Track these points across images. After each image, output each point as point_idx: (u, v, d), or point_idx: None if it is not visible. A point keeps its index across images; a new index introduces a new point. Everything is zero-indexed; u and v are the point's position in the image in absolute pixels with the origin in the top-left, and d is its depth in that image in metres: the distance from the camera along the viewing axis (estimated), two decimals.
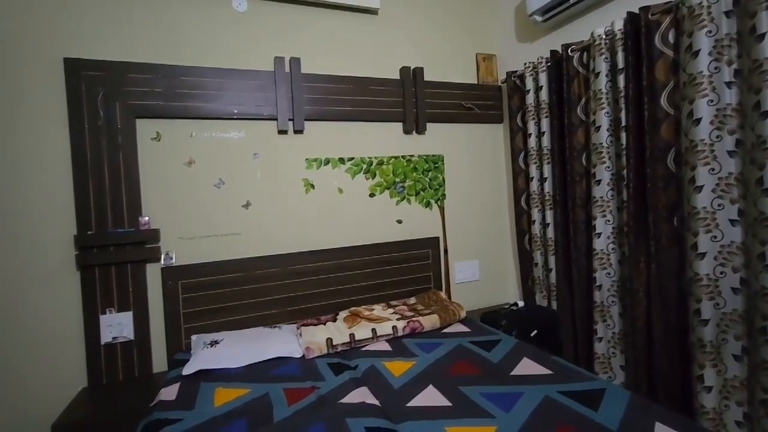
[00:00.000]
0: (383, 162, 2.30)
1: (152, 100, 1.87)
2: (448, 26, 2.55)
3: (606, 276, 1.83)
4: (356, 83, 2.23)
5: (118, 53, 1.84)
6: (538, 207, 2.23)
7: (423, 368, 1.53)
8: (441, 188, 2.44)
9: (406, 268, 2.31)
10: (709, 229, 1.43)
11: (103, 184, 1.79)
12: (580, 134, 1.95)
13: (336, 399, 1.33)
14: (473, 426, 1.14)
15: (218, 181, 1.98)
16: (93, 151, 1.78)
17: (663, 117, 1.58)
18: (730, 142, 1.39)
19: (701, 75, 1.42)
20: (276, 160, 2.09)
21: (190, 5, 1.96)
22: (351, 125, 2.25)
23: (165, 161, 1.91)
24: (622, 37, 1.71)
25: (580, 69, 1.94)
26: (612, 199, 1.81)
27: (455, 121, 2.48)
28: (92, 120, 1.78)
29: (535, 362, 1.50)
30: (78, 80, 1.76)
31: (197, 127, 1.96)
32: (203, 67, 1.95)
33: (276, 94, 2.06)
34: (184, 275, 1.88)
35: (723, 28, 1.39)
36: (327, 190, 2.19)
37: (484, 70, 2.61)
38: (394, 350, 1.71)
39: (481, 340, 1.75)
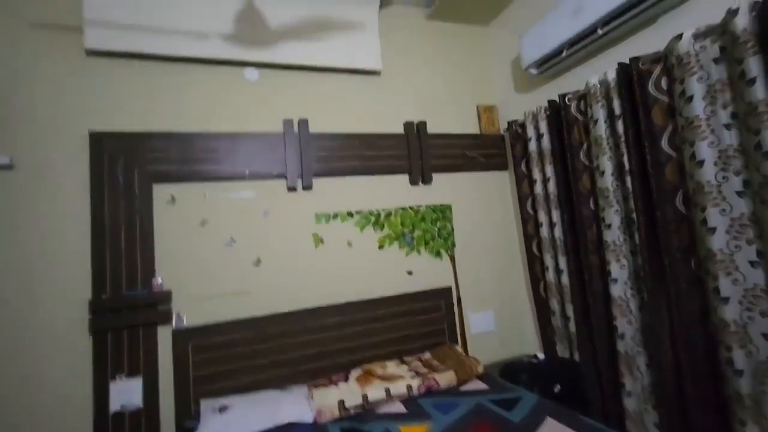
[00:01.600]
0: (391, 214, 2.33)
1: (168, 166, 1.97)
2: (448, 80, 2.68)
3: (627, 324, 1.75)
4: (362, 139, 2.32)
5: (139, 124, 1.98)
6: (550, 253, 2.19)
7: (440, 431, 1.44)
8: (450, 237, 2.44)
9: (419, 321, 2.25)
10: (729, 271, 1.37)
11: (119, 248, 1.84)
12: (585, 179, 1.95)
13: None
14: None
15: (230, 240, 2.03)
16: (111, 216, 1.85)
17: (665, 160, 1.58)
18: (737, 182, 1.38)
19: (698, 119, 1.44)
20: (286, 217, 2.14)
21: (206, 78, 2.12)
22: (358, 179, 2.31)
23: (179, 223, 1.97)
24: (615, 86, 1.76)
25: (579, 116, 1.99)
26: (624, 243, 1.78)
27: (460, 170, 2.53)
28: (112, 187, 1.88)
29: (560, 423, 1.40)
30: (101, 151, 1.88)
31: (210, 189, 2.04)
32: (217, 132, 2.07)
33: (285, 154, 2.15)
34: (195, 337, 1.87)
35: (713, 74, 1.43)
36: (336, 244, 2.21)
37: (485, 120, 2.70)
38: (410, 411, 1.63)
39: (501, 398, 1.66)
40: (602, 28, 1.83)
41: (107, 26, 1.93)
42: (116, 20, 1.94)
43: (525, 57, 2.24)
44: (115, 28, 1.94)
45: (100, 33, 1.91)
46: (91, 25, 1.90)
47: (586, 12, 1.85)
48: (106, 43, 1.93)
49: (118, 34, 1.94)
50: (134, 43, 1.97)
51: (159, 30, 2.00)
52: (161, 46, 2.00)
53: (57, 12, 1.93)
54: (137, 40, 1.97)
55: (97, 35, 1.91)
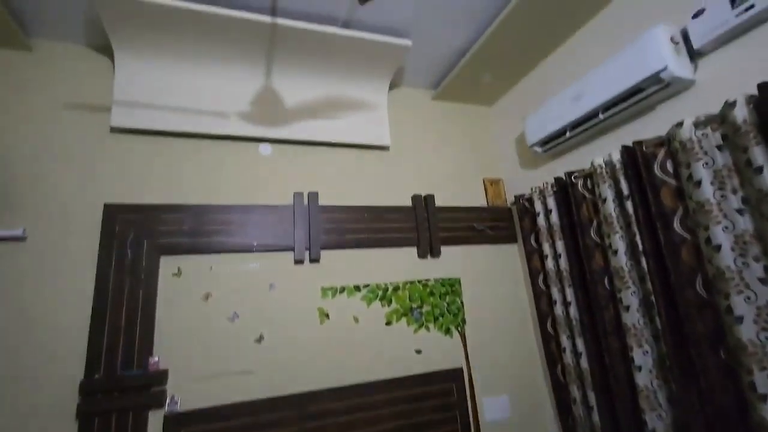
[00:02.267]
0: (399, 288, 2.28)
1: (179, 238, 1.98)
2: (454, 155, 2.76)
3: (657, 419, 1.61)
4: (370, 212, 2.34)
5: (154, 196, 2.02)
6: (566, 333, 2.09)
7: None
8: (460, 312, 2.36)
9: (429, 407, 2.09)
10: (764, 365, 1.28)
11: (119, 324, 1.78)
12: (597, 257, 1.92)
13: None
14: None
15: (233, 314, 1.96)
16: (115, 290, 1.82)
17: (680, 242, 1.56)
18: (758, 269, 1.33)
19: (709, 203, 1.43)
20: (291, 290, 2.09)
21: (222, 153, 2.21)
22: (366, 252, 2.29)
23: (183, 296, 1.93)
24: (621, 167, 1.79)
25: (586, 194, 2.01)
26: (645, 327, 1.69)
27: (469, 242, 2.51)
28: (119, 260, 1.87)
29: None
30: (113, 223, 1.90)
31: (217, 261, 2.02)
32: (228, 205, 2.10)
33: (294, 227, 2.16)
34: (188, 423, 1.74)
35: (719, 160, 1.45)
36: (342, 319, 2.13)
37: (492, 194, 2.74)
38: None
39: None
40: (603, 113, 1.91)
41: (133, 106, 2.05)
42: (142, 100, 2.07)
43: (529, 136, 2.32)
44: (141, 107, 2.06)
45: (126, 112, 2.03)
46: (119, 105, 2.03)
47: (586, 98, 1.95)
48: (130, 122, 2.04)
49: (142, 113, 2.06)
50: (157, 121, 2.08)
51: (181, 109, 2.13)
52: (182, 124, 2.12)
53: (88, 93, 2.08)
54: (160, 118, 2.09)
55: (123, 114, 2.03)
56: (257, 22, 2.00)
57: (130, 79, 2.07)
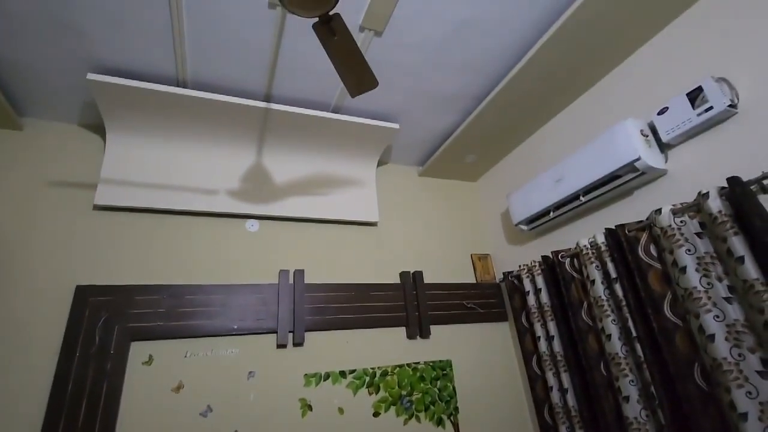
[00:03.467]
0: (387, 372, 2.15)
1: (152, 321, 1.86)
2: (442, 230, 2.79)
3: None
4: (358, 290, 2.28)
5: (130, 276, 1.94)
6: (566, 424, 1.96)
7: None
8: (452, 399, 2.21)
9: None
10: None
11: (77, 420, 1.61)
12: (591, 340, 1.87)
13: None
14: None
15: (206, 408, 1.79)
16: (76, 380, 1.67)
17: (673, 328, 1.53)
18: (755, 361, 1.31)
19: (696, 291, 1.44)
20: (272, 378, 1.95)
21: (207, 229, 2.17)
22: (353, 333, 2.19)
23: (151, 388, 1.77)
24: (606, 249, 1.82)
25: (575, 274, 2.01)
26: (648, 420, 1.60)
27: (459, 321, 2.44)
28: (85, 346, 1.73)
29: None
30: (83, 306, 1.79)
31: (193, 347, 1.89)
32: (209, 284, 2.02)
33: (278, 307, 2.07)
34: None
35: (700, 247, 1.48)
36: (326, 411, 1.96)
37: (481, 269, 2.73)
38: None
39: None
40: (584, 195, 1.98)
41: (120, 184, 2.04)
42: (131, 178, 2.06)
43: (514, 214, 2.37)
44: (127, 185, 2.05)
45: (111, 190, 2.01)
46: (105, 183, 2.01)
47: (567, 181, 2.03)
48: (115, 199, 2.01)
49: (128, 190, 2.04)
50: (143, 198, 2.06)
51: (169, 187, 2.12)
52: (169, 202, 2.10)
53: (76, 170, 2.07)
54: (147, 196, 2.06)
55: (108, 192, 2.01)
56: (251, 107, 2.08)
57: (119, 156, 2.08)
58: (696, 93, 1.57)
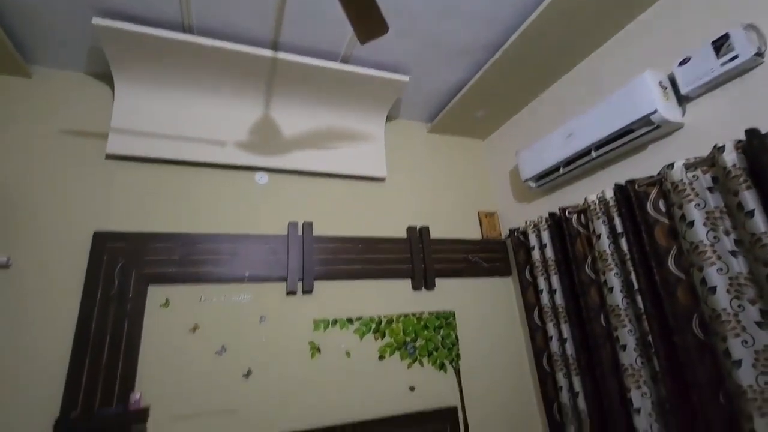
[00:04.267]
0: (392, 320, 2.23)
1: (168, 267, 1.93)
2: (449, 188, 2.78)
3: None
4: (365, 243, 2.32)
5: (145, 225, 1.99)
6: (563, 371, 2.05)
7: None
8: (455, 347, 2.31)
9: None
10: (764, 412, 1.26)
11: (100, 358, 1.71)
12: (593, 293, 1.91)
13: None
14: None
15: (221, 348, 1.90)
16: (99, 322, 1.76)
17: (675, 281, 1.56)
18: (754, 312, 1.33)
19: (703, 244, 1.45)
20: (283, 323, 2.04)
21: (217, 180, 2.19)
22: (360, 283, 2.26)
23: (170, 328, 1.86)
24: (615, 204, 1.81)
25: (581, 229, 2.02)
26: (643, 367, 1.67)
27: (464, 275, 2.49)
28: (106, 290, 1.81)
29: None
30: (101, 252, 1.85)
31: (207, 292, 1.97)
32: (221, 234, 2.07)
33: (287, 257, 2.13)
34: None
35: (710, 201, 1.48)
36: (334, 353, 2.07)
37: (487, 226, 2.74)
38: None
39: None
40: (595, 151, 1.95)
41: (131, 133, 2.05)
42: (140, 128, 2.07)
43: (523, 171, 2.35)
44: (138, 135, 2.06)
45: (122, 139, 2.03)
46: (116, 133, 2.02)
47: (579, 136, 1.99)
48: (127, 149, 2.03)
49: (139, 140, 2.05)
50: (154, 149, 2.07)
51: (179, 137, 2.13)
52: (179, 152, 2.11)
53: (86, 120, 2.07)
54: (158, 146, 2.08)
55: (119, 141, 2.02)
56: (258, 56, 2.04)
57: (128, 106, 2.08)
58: (721, 41, 1.50)
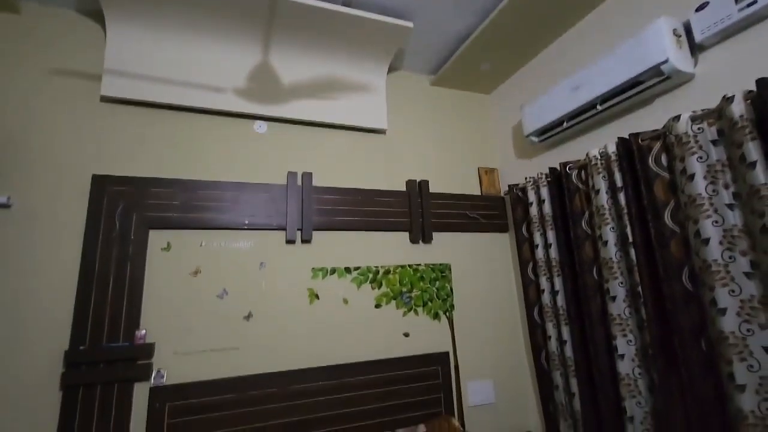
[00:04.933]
0: (389, 271, 2.28)
1: (168, 212, 1.95)
2: (450, 142, 2.75)
3: (637, 406, 1.65)
4: (364, 195, 2.33)
5: (144, 170, 1.98)
6: (552, 321, 2.12)
7: None
8: (449, 298, 2.37)
9: (414, 389, 2.12)
10: (743, 357, 1.31)
11: (105, 296, 1.76)
12: (587, 247, 1.94)
13: None
14: None
15: (222, 291, 1.95)
16: (102, 263, 1.79)
17: (669, 234, 1.57)
18: (744, 263, 1.36)
19: (701, 197, 1.45)
20: (282, 270, 2.08)
21: (216, 128, 2.16)
22: (358, 234, 2.29)
23: (172, 271, 1.91)
24: (616, 159, 1.80)
25: (580, 185, 2.02)
26: (630, 317, 1.72)
27: (461, 230, 2.52)
28: (107, 232, 1.84)
29: None
30: (101, 194, 1.86)
31: (208, 237, 2.00)
32: (221, 181, 2.07)
33: (287, 206, 2.14)
34: (174, 396, 1.74)
35: (713, 154, 1.46)
36: (332, 300, 2.13)
37: (486, 182, 2.74)
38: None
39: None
40: (601, 104, 1.90)
41: (125, 75, 2.00)
42: (134, 70, 2.01)
43: (526, 125, 2.31)
44: (133, 77, 2.01)
45: (117, 81, 1.98)
46: (110, 74, 1.97)
47: (585, 89, 1.94)
48: (121, 91, 1.98)
49: (134, 83, 2.00)
50: (149, 92, 2.03)
51: (174, 81, 2.07)
52: (175, 97, 2.06)
53: (78, 60, 2.01)
54: (153, 89, 2.03)
55: (113, 83, 1.97)
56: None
57: (121, 47, 2.01)
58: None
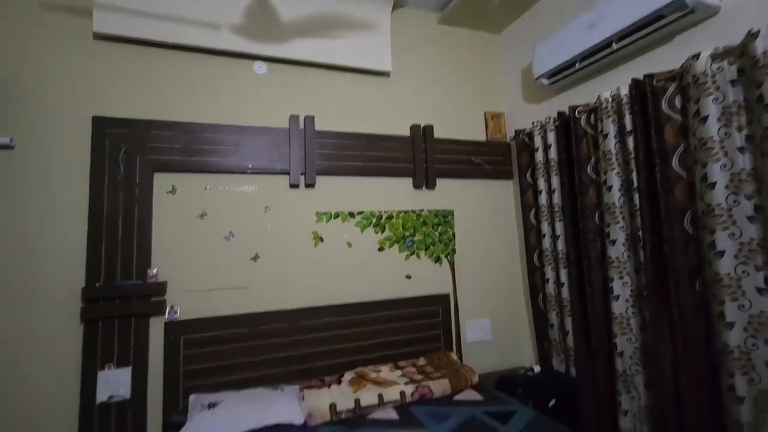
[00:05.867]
0: (393, 216, 2.31)
1: (171, 156, 1.94)
2: (457, 85, 2.65)
3: (627, 342, 1.73)
4: (367, 140, 2.30)
5: (143, 111, 1.95)
6: (551, 265, 2.17)
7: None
8: (451, 243, 2.42)
9: (416, 326, 2.23)
10: (736, 297, 1.36)
11: (116, 237, 1.81)
12: (591, 193, 1.93)
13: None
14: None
15: (228, 234, 2.00)
16: (110, 204, 1.82)
17: (675, 179, 1.56)
18: (748, 207, 1.36)
19: (712, 140, 1.42)
20: (286, 214, 2.11)
21: (215, 68, 2.09)
22: (361, 180, 2.28)
23: (178, 214, 1.94)
24: (628, 102, 1.74)
25: (588, 129, 1.97)
26: (628, 260, 1.76)
27: (465, 176, 2.51)
28: (112, 174, 1.84)
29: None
30: (103, 137, 1.85)
31: (212, 181, 2.01)
32: (222, 124, 2.04)
33: (290, 150, 2.12)
34: (187, 330, 1.84)
35: (730, 95, 1.41)
36: (336, 243, 2.18)
37: (492, 128, 2.68)
38: (402, 419, 1.60)
39: (496, 410, 1.63)
40: (617, 42, 1.81)
41: (117, 11, 1.90)
42: (126, 5, 1.91)
43: (537, 66, 2.21)
44: (125, 13, 1.91)
45: (109, 17, 1.88)
46: (101, 9, 1.87)
47: (602, 26, 1.83)
48: (114, 28, 1.90)
49: (127, 19, 1.91)
50: (143, 29, 1.93)
51: (169, 18, 1.97)
52: (171, 35, 1.97)
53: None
54: (147, 26, 1.94)
55: (106, 19, 1.88)
56: None
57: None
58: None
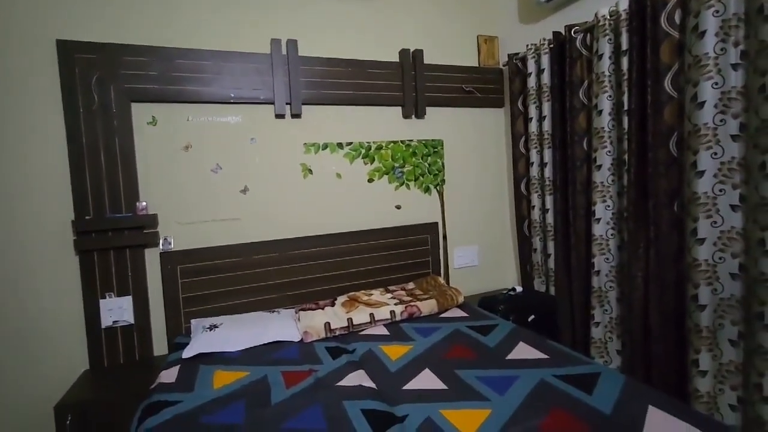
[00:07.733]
0: (382, 147, 2.28)
1: (147, 84, 1.84)
2: (449, 7, 2.49)
3: (605, 261, 1.83)
4: (355, 66, 2.19)
5: (112, 35, 1.81)
6: (537, 192, 2.21)
7: (420, 352, 1.54)
8: (440, 173, 2.43)
9: (405, 254, 2.31)
10: (710, 214, 1.41)
11: (99, 170, 1.78)
12: (582, 119, 1.92)
13: (333, 382, 1.35)
14: (468, 408, 1.15)
15: (215, 166, 1.97)
16: (89, 135, 1.76)
17: (666, 100, 1.55)
18: (733, 125, 1.36)
19: (707, 57, 1.39)
20: (273, 145, 2.07)
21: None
22: (349, 109, 2.22)
23: (162, 146, 1.89)
24: (627, 18, 1.66)
25: (583, 51, 1.90)
26: (612, 184, 1.79)
27: (456, 105, 2.45)
28: (87, 104, 1.76)
29: (531, 346, 1.51)
30: (71, 63, 1.73)
31: (194, 111, 1.94)
32: (199, 49, 1.92)
33: (273, 78, 2.02)
34: (183, 260, 1.89)
35: (731, 7, 1.35)
36: (325, 174, 2.17)
37: (485, 53, 2.56)
38: (392, 334, 1.72)
39: (478, 324, 1.76)
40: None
41: None
42: None
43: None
44: None
45: None
46: None
47: None
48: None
49: None
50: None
51: None
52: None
53: None
54: None
55: None
56: None
57: None
58: None
